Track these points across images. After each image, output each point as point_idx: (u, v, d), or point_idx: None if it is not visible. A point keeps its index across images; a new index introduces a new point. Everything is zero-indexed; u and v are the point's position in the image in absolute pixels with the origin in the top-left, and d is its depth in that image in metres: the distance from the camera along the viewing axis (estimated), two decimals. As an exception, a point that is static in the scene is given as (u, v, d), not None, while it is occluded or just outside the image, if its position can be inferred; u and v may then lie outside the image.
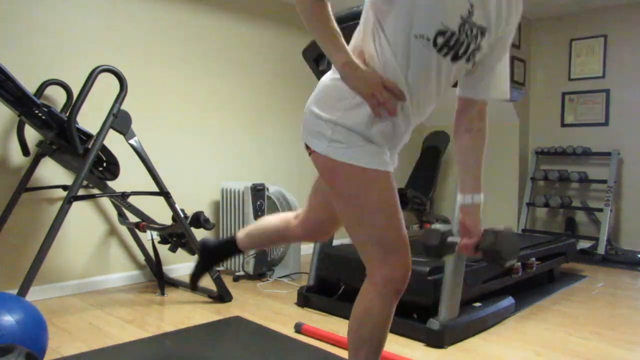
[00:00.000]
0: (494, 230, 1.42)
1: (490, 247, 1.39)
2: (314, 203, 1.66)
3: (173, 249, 3.22)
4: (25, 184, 2.90)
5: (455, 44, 1.25)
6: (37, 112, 2.66)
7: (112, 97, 2.82)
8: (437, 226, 1.52)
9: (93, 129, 2.83)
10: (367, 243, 1.33)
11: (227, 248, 2.01)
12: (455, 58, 1.28)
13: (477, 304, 2.65)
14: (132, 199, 3.10)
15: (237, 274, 3.59)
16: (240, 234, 1.95)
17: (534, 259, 3.21)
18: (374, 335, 1.35)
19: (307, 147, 1.38)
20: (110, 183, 3.09)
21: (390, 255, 1.31)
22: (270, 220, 1.88)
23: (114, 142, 2.95)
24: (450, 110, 1.49)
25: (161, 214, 3.23)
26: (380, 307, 1.33)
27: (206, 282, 3.29)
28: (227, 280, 3.29)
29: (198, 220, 3.12)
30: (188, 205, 3.36)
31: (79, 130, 2.77)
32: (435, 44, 1.23)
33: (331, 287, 2.86)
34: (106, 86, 2.90)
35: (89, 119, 2.97)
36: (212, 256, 2.06)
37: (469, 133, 1.48)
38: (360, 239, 1.35)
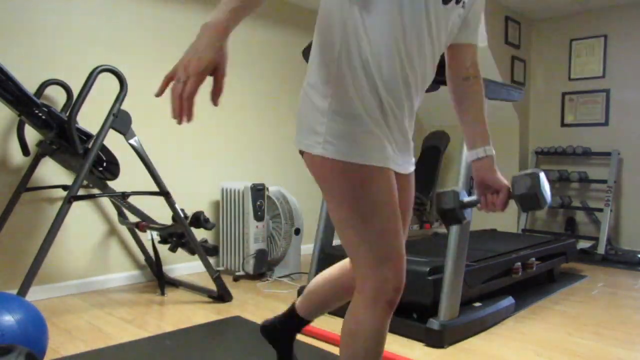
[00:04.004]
0: (527, 174, 1.30)
1: (530, 190, 1.28)
2: None
3: (173, 249, 3.22)
4: (25, 184, 2.90)
5: None
6: (37, 112, 2.66)
7: (112, 97, 2.82)
8: (449, 188, 1.39)
9: (93, 129, 2.83)
10: (359, 249, 1.20)
11: (291, 321, 1.78)
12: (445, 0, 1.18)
13: (477, 304, 2.65)
14: (132, 199, 3.10)
15: (237, 274, 3.59)
16: (299, 300, 1.76)
17: (534, 259, 3.20)
18: (369, 354, 1.22)
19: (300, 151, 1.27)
20: (110, 183, 3.10)
21: (382, 265, 1.18)
22: (327, 274, 1.67)
23: (114, 142, 2.95)
24: (450, 111, 1.49)
25: (161, 214, 3.24)
26: (371, 323, 1.20)
27: (206, 282, 3.30)
28: (227, 280, 3.29)
29: (198, 220, 3.12)
30: (188, 205, 3.37)
31: (79, 130, 2.77)
32: None
33: (331, 287, 2.86)
34: (106, 86, 2.90)
35: (89, 119, 2.97)
36: (282, 337, 1.82)
37: (466, 81, 1.39)
38: (351, 244, 1.21)
